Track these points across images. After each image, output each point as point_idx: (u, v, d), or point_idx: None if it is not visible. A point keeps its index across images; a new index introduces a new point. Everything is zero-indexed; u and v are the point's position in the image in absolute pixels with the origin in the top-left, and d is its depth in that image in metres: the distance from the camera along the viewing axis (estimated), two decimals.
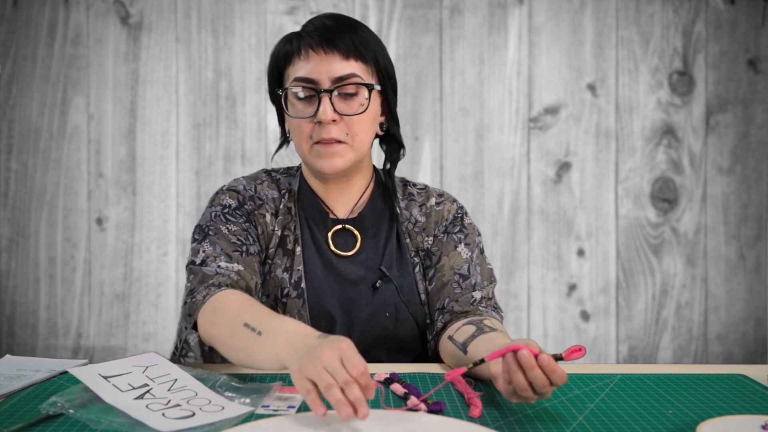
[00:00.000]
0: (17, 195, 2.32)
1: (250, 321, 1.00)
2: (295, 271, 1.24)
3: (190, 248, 1.22)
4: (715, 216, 2.39)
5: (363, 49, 1.21)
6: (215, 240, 1.19)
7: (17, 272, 2.33)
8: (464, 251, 1.29)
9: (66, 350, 2.33)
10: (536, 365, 0.89)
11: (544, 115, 2.37)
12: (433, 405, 0.95)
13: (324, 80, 1.19)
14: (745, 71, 2.38)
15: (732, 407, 0.97)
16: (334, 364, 0.83)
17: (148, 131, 2.34)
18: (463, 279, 1.26)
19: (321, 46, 1.19)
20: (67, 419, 0.90)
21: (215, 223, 1.22)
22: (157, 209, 2.34)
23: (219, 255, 1.17)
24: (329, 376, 0.82)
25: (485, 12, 2.36)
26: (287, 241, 1.26)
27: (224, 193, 1.27)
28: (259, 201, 1.27)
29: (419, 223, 1.31)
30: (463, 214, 1.33)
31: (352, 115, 1.20)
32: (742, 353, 2.40)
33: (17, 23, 2.31)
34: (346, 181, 1.28)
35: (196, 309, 1.12)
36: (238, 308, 1.05)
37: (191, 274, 1.17)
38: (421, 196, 1.34)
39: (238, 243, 1.20)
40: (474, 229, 1.32)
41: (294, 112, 1.22)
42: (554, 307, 2.38)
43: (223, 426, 0.87)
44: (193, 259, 1.19)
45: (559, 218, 2.38)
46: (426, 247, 1.30)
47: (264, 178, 1.31)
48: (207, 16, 2.34)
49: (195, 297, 1.13)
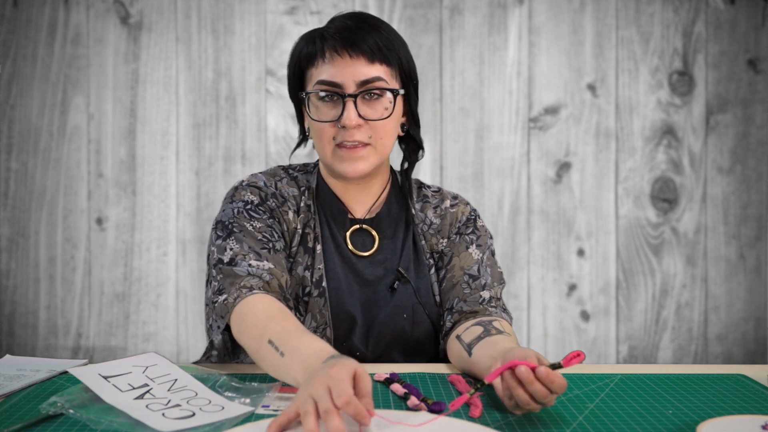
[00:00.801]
0: (17, 195, 2.32)
1: (275, 339, 1.00)
2: (316, 269, 1.23)
3: (214, 245, 1.20)
4: (715, 216, 2.39)
5: (387, 51, 1.20)
6: (241, 237, 1.18)
7: (17, 272, 2.33)
8: (475, 252, 1.29)
9: (66, 350, 2.33)
10: (535, 379, 0.89)
11: (544, 115, 2.37)
12: (433, 405, 0.95)
13: (349, 84, 1.18)
14: (745, 71, 2.38)
15: (732, 407, 0.97)
16: (319, 392, 0.81)
17: (148, 131, 2.34)
18: (473, 279, 1.26)
19: (346, 50, 1.18)
20: (67, 419, 0.90)
21: (239, 219, 1.21)
22: (157, 209, 2.34)
23: (248, 253, 1.16)
24: (311, 405, 0.80)
25: (485, 12, 2.36)
26: (308, 238, 1.25)
27: (244, 189, 1.25)
28: (281, 198, 1.26)
29: (434, 225, 1.32)
30: (476, 217, 1.34)
31: (377, 120, 1.19)
32: (742, 353, 2.40)
33: (17, 23, 2.31)
34: (366, 182, 1.27)
35: (227, 312, 1.11)
36: (265, 321, 1.05)
37: (219, 274, 1.16)
38: (436, 198, 1.34)
39: (265, 240, 1.19)
40: (486, 232, 1.33)
41: (317, 115, 1.21)
42: (554, 307, 2.38)
43: (223, 426, 0.87)
44: (220, 257, 1.17)
45: (559, 218, 2.38)
46: (440, 249, 1.31)
47: (282, 175, 1.30)
48: (207, 16, 2.34)
49: (227, 299, 1.12)
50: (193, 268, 2.34)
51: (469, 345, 1.12)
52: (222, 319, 1.12)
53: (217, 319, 1.13)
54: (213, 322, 1.14)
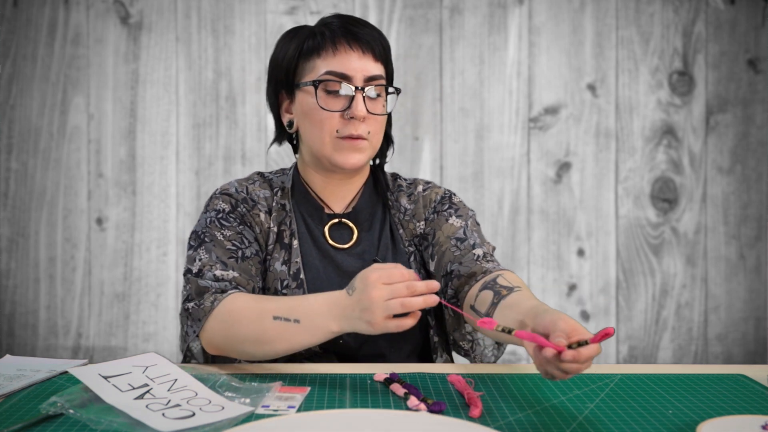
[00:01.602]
0: (17, 195, 2.32)
1: (279, 313, 1.05)
2: (293, 263, 1.25)
3: (187, 255, 1.24)
4: (715, 216, 2.39)
5: (386, 53, 1.26)
6: (211, 247, 1.22)
7: (17, 272, 2.33)
8: (457, 221, 1.30)
9: (66, 350, 2.33)
10: (563, 361, 0.87)
11: (544, 115, 2.37)
12: (433, 405, 0.95)
13: (358, 78, 1.21)
14: (745, 71, 2.38)
15: (732, 407, 0.97)
16: (383, 293, 0.94)
17: (148, 131, 2.34)
18: (461, 242, 1.26)
19: (358, 44, 1.22)
20: (67, 419, 0.90)
21: (210, 229, 1.24)
22: (157, 209, 2.34)
23: (215, 263, 1.19)
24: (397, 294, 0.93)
25: (485, 12, 2.36)
26: (284, 235, 1.28)
27: (217, 198, 1.29)
28: (251, 202, 1.29)
29: (408, 210, 1.34)
30: (451, 194, 1.36)
31: (379, 114, 1.24)
32: (742, 353, 2.40)
33: (17, 23, 2.31)
34: (350, 177, 1.31)
35: (205, 314, 1.14)
36: (256, 306, 1.09)
37: (188, 284, 1.20)
38: (410, 187, 1.37)
39: (233, 248, 1.22)
40: (465, 206, 1.34)
41: (325, 104, 1.22)
42: (554, 307, 2.36)
43: (223, 426, 0.87)
44: (189, 267, 1.21)
45: (559, 218, 2.38)
46: (419, 232, 1.32)
47: (256, 179, 1.34)
48: (207, 16, 2.34)
49: (203, 303, 1.15)
50: None
51: (486, 315, 1.12)
52: (198, 323, 1.14)
53: (192, 324, 1.16)
54: (188, 328, 1.17)
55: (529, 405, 0.97)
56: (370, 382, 1.06)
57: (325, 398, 0.99)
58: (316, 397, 0.99)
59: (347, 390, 1.02)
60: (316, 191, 1.32)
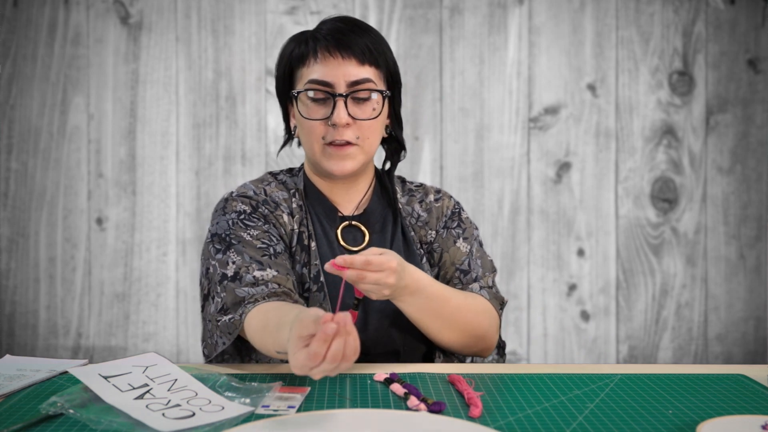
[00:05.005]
0: (17, 195, 2.32)
1: (279, 348, 1.03)
2: (312, 266, 1.26)
3: (214, 260, 1.21)
4: (715, 216, 2.39)
5: (377, 54, 1.24)
6: (241, 249, 1.20)
7: (17, 272, 2.33)
8: (463, 246, 1.34)
9: (66, 350, 2.33)
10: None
11: (544, 115, 2.37)
12: (433, 405, 0.95)
13: (340, 84, 1.21)
14: (745, 71, 2.38)
15: (732, 407, 0.97)
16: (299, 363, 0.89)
17: (148, 131, 2.34)
18: (464, 274, 1.31)
19: (338, 50, 1.22)
20: (67, 419, 0.90)
21: (235, 230, 1.23)
22: (157, 209, 2.34)
23: (250, 264, 1.18)
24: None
25: (485, 12, 2.36)
26: (303, 237, 1.29)
27: (235, 200, 1.27)
28: (273, 203, 1.29)
29: (422, 218, 1.36)
30: (460, 210, 1.38)
31: (365, 119, 1.23)
32: (742, 353, 2.40)
33: (17, 23, 2.31)
34: (351, 181, 1.32)
35: (235, 329, 1.15)
36: (261, 337, 1.10)
37: (224, 291, 1.18)
38: (420, 193, 1.39)
39: (264, 246, 1.21)
40: (471, 224, 1.38)
41: (307, 113, 1.24)
42: (554, 307, 2.38)
43: (223, 426, 0.87)
44: (224, 272, 1.19)
45: (559, 218, 2.38)
46: (429, 240, 1.35)
47: (270, 180, 1.34)
48: (207, 16, 2.34)
49: (233, 318, 1.15)
50: (193, 268, 2.34)
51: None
52: (229, 336, 1.15)
53: (222, 336, 1.17)
54: (218, 338, 1.17)
55: (529, 405, 0.97)
56: (370, 382, 1.06)
57: (325, 398, 0.99)
58: (316, 397, 0.99)
59: (347, 390, 1.02)
60: (325, 193, 1.32)
